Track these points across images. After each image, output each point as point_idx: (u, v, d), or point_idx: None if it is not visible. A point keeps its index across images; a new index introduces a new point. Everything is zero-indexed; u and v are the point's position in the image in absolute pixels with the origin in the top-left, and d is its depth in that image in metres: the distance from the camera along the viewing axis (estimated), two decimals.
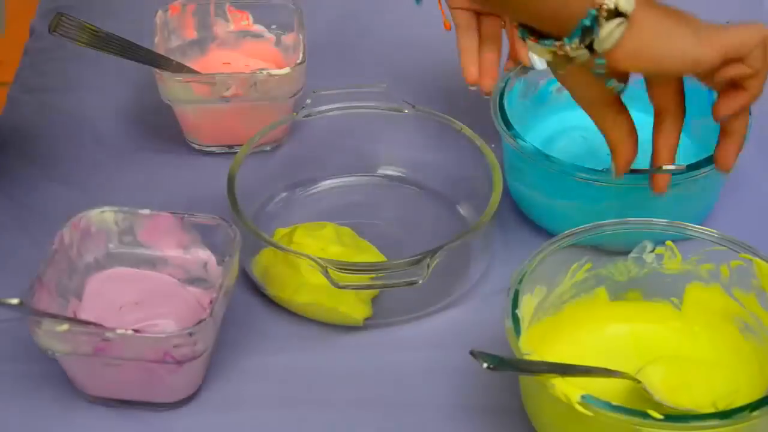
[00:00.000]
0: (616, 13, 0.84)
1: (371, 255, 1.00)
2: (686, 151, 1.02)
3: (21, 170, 1.12)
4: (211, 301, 0.89)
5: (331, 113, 1.07)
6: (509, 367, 0.83)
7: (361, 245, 1.01)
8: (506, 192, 0.99)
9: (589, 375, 0.86)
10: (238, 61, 1.18)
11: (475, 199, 1.05)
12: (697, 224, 0.94)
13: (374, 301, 0.98)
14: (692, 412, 0.86)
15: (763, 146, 1.14)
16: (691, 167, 0.98)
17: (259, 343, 0.97)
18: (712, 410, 0.85)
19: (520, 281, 0.88)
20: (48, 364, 0.92)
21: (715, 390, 0.87)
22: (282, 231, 1.02)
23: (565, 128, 1.10)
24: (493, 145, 1.04)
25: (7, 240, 1.05)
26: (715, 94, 0.93)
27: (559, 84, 0.95)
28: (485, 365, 0.80)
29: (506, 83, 1.06)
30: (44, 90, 1.21)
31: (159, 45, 1.13)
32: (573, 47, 0.86)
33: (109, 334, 0.86)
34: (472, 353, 0.80)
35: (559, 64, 0.89)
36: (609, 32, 0.84)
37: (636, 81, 0.94)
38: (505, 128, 1.02)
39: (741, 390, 0.87)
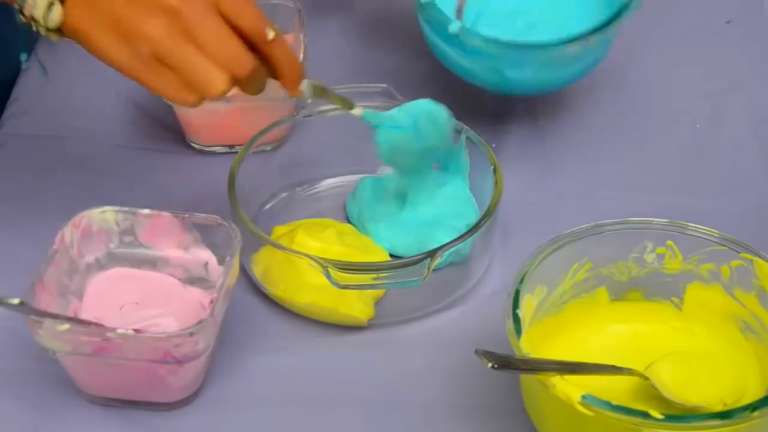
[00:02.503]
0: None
1: (376, 254, 1.00)
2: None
3: (21, 170, 1.12)
4: (211, 301, 0.89)
5: (331, 113, 1.07)
6: (514, 366, 0.83)
7: (365, 243, 1.01)
8: (506, 191, 0.99)
9: (597, 373, 0.86)
10: None
11: (475, 198, 1.05)
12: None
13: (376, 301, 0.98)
14: (701, 408, 0.86)
15: (763, 146, 1.14)
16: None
17: (259, 343, 0.97)
18: (720, 406, 0.85)
19: (521, 281, 0.88)
20: (48, 364, 0.92)
21: (723, 386, 0.88)
22: (281, 229, 1.02)
23: None
24: (494, 145, 1.04)
25: (7, 240, 1.05)
26: None
27: None
28: (490, 365, 0.80)
29: None
30: (45, 90, 1.21)
31: None
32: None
33: (109, 334, 0.86)
34: (476, 353, 0.80)
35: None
36: (43, 14, 0.85)
37: None
38: None
39: (749, 387, 0.88)
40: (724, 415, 0.80)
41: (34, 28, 0.86)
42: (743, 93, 1.19)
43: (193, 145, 1.15)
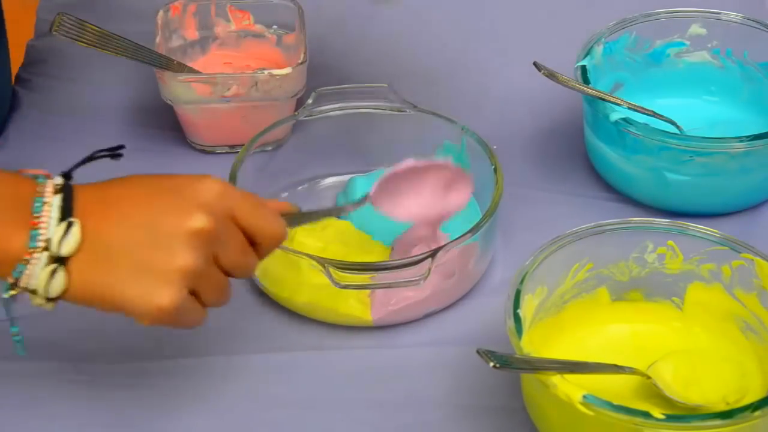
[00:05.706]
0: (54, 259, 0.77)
1: (376, 253, 1.00)
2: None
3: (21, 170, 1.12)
4: None
5: (332, 113, 1.07)
6: (515, 365, 0.82)
7: (365, 242, 1.01)
8: (506, 191, 0.99)
9: (598, 372, 0.86)
10: (239, 61, 1.18)
11: (475, 198, 1.05)
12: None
13: None
14: (702, 408, 0.86)
15: None
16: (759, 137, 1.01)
17: (259, 343, 0.97)
18: (723, 405, 0.86)
19: (522, 281, 0.88)
20: (48, 363, 0.92)
21: (726, 385, 0.88)
22: None
23: None
24: (495, 146, 1.04)
25: None
26: None
27: None
28: (492, 364, 0.80)
29: None
30: (45, 90, 1.21)
31: (160, 45, 1.13)
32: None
33: None
34: (477, 352, 0.80)
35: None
36: (44, 284, 0.78)
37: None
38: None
39: (750, 386, 0.88)
40: (725, 415, 0.80)
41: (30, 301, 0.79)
42: None
43: (194, 145, 1.15)
